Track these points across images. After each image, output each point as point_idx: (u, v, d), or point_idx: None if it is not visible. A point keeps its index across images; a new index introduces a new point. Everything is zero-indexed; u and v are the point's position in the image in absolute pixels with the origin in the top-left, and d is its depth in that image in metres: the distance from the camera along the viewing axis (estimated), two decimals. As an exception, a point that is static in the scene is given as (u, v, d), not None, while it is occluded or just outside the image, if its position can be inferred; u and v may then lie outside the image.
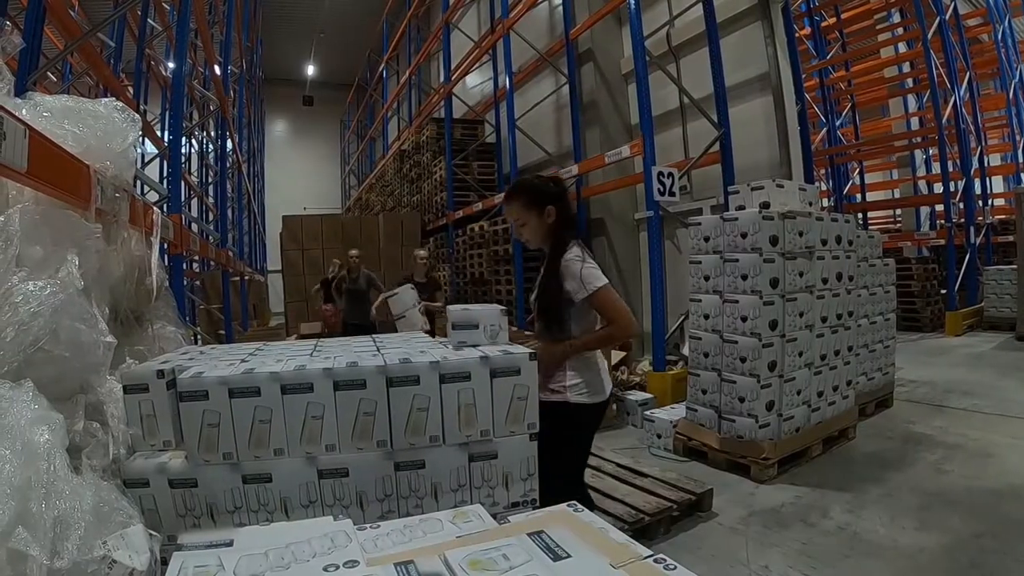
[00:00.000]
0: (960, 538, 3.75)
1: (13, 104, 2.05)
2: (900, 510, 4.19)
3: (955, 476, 4.73)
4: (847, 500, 4.42)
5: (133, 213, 2.91)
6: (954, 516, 4.04)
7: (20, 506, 1.33)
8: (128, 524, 1.59)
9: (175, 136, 6.39)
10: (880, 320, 6.76)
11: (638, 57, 7.41)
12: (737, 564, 3.62)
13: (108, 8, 12.33)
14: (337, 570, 1.33)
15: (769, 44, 8.18)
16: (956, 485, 4.56)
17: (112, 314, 2.50)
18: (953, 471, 4.83)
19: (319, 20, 24.96)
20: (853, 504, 4.34)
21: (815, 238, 5.24)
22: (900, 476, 4.82)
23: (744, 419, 5.03)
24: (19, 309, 1.73)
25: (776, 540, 3.88)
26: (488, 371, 2.10)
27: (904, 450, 5.38)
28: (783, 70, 8.13)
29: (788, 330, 5.02)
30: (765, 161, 8.20)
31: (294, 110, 33.02)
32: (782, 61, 8.13)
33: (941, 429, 5.85)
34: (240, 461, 1.96)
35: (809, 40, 14.28)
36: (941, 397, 7.01)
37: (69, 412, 1.82)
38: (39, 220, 1.96)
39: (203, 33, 9.57)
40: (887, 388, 6.86)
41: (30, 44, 4.79)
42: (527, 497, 2.17)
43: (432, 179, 15.00)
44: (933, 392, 7.28)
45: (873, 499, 4.41)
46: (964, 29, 14.00)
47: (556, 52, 11.81)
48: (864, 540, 3.82)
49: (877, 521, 4.05)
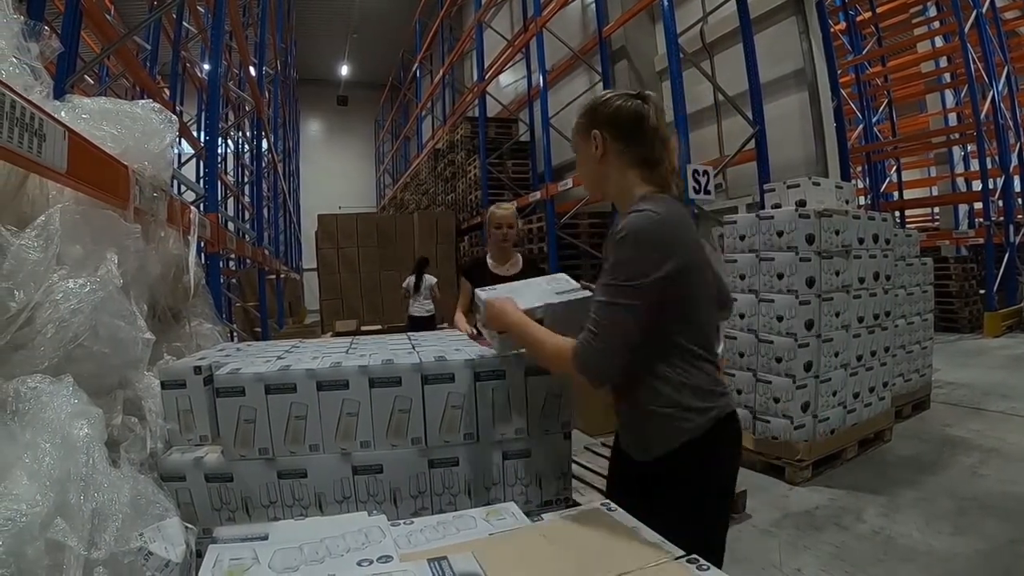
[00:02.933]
0: (996, 544, 3.69)
1: (52, 107, 2.08)
2: (935, 514, 4.13)
3: (991, 480, 4.65)
4: (882, 503, 4.36)
5: (171, 212, 2.94)
6: (990, 521, 3.97)
7: (59, 498, 1.35)
8: (164, 517, 1.60)
9: (211, 136, 6.48)
10: (917, 320, 6.65)
11: (672, 54, 7.36)
12: (770, 567, 3.60)
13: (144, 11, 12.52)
14: (371, 565, 1.33)
15: (804, 39, 8.09)
16: (992, 490, 4.48)
17: (150, 311, 2.53)
18: (990, 475, 4.75)
19: (352, 21, 25.12)
20: (888, 507, 4.29)
21: (852, 237, 5.17)
22: (936, 480, 4.74)
23: (779, 420, 4.97)
24: (59, 306, 1.75)
25: (809, 543, 3.84)
26: (523, 370, 2.09)
27: (940, 453, 5.30)
28: (818, 66, 8.04)
29: (824, 330, 4.96)
30: (801, 158, 8.12)
31: (329, 110, 33.31)
32: (817, 57, 8.04)
33: (978, 432, 5.74)
34: (275, 457, 1.98)
35: (844, 35, 14.09)
36: (979, 400, 6.89)
37: (108, 407, 1.84)
38: (79, 219, 1.98)
39: (238, 35, 9.70)
40: (924, 390, 6.75)
41: (68, 48, 4.87)
42: (560, 496, 2.16)
43: (466, 178, 15.03)
44: (971, 394, 7.15)
45: (908, 503, 4.35)
46: (1002, 22, 13.67)
47: (589, 50, 11.80)
48: (898, 544, 3.77)
49: (912, 525, 3.99)
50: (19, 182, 1.94)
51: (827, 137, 7.99)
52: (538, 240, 11.39)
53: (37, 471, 1.37)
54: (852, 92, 14.26)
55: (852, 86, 14.22)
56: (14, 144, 1.55)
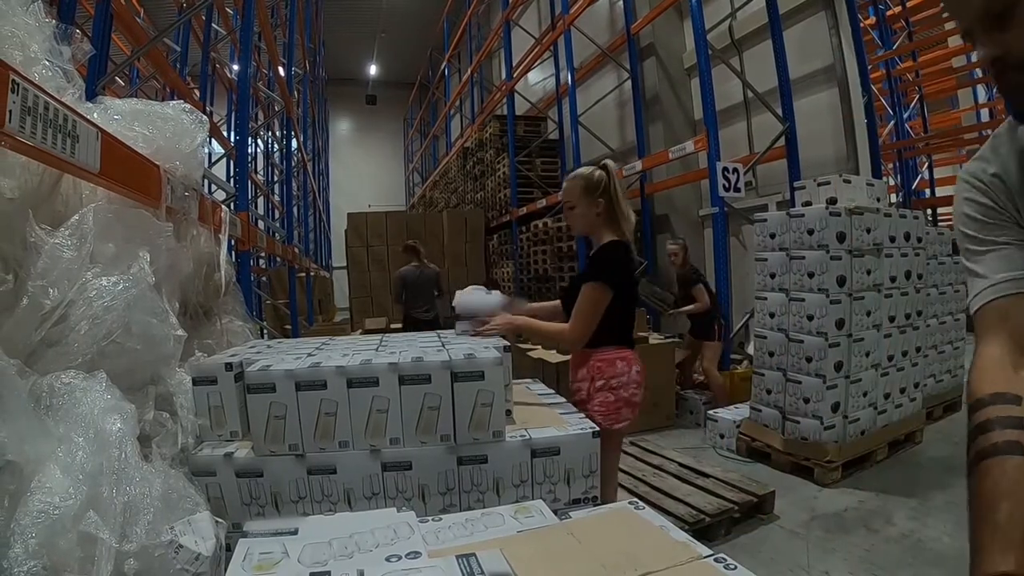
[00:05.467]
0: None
1: (85, 108, 2.11)
2: (965, 518, 4.05)
3: (1022, 485, 4.55)
4: (911, 506, 4.29)
5: (202, 211, 2.98)
6: (1020, 527, 3.89)
7: (92, 491, 1.37)
8: (195, 511, 1.62)
9: (241, 136, 6.53)
10: (949, 320, 6.55)
11: (700, 51, 7.31)
12: (797, 569, 3.55)
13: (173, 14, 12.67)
14: (399, 560, 1.34)
15: (833, 34, 7.99)
16: (1022, 494, 4.38)
17: (182, 309, 2.56)
18: (1021, 479, 4.65)
19: (380, 20, 25.23)
20: (917, 511, 4.21)
21: (883, 235, 5.10)
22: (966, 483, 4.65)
23: (809, 420, 4.92)
24: (93, 304, 1.78)
25: (838, 545, 3.79)
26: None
27: (971, 456, 5.20)
28: (848, 61, 7.93)
29: (855, 329, 4.90)
30: (831, 155, 8.03)
31: (357, 109, 33.41)
32: (847, 52, 7.93)
33: (1010, 435, 5.62)
34: (305, 453, 1.99)
35: (874, 29, 13.85)
36: (1011, 401, 6.74)
37: (140, 402, 1.87)
38: (112, 218, 2.01)
39: (266, 36, 9.77)
40: (955, 391, 6.63)
41: (99, 51, 4.93)
42: (588, 494, 2.16)
43: (495, 176, 15.00)
44: (1003, 396, 7.00)
45: (938, 506, 4.27)
46: (1035, 14, 13.38)
47: (618, 47, 11.75)
48: (928, 548, 3.71)
49: (941, 529, 3.92)
50: (53, 182, 1.97)
51: (858, 134, 7.89)
52: (567, 239, 11.36)
53: (70, 465, 1.39)
54: (883, 88, 14.01)
55: (883, 82, 13.97)
56: (48, 145, 1.57)
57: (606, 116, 12.56)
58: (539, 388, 2.90)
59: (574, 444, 2.13)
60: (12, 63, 1.47)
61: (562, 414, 2.39)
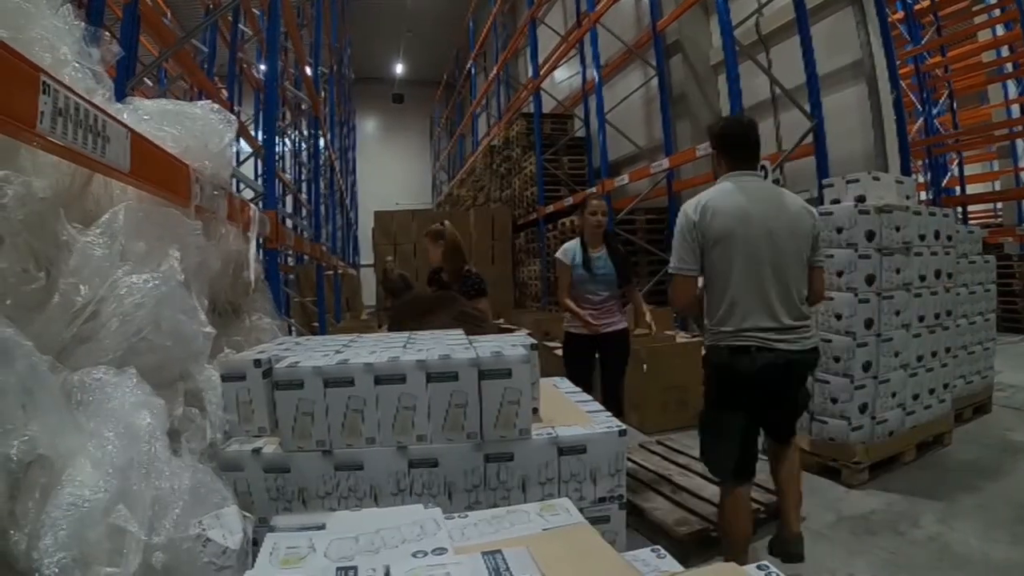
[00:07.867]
0: (1056, 555, 3.56)
1: (115, 109, 2.13)
2: (994, 522, 3.99)
3: (1053, 489, 4.49)
4: (939, 509, 4.23)
5: (231, 210, 3.00)
6: (1050, 532, 3.83)
7: (121, 484, 1.39)
8: (223, 505, 1.64)
9: (269, 135, 6.55)
10: (979, 320, 6.45)
11: (727, 47, 7.24)
12: (823, 571, 3.53)
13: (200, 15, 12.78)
14: (425, 556, 1.34)
15: (861, 30, 7.91)
16: (1053, 498, 4.32)
17: (211, 306, 2.59)
18: (1051, 483, 4.58)
19: (406, 19, 25.31)
20: (945, 514, 4.16)
21: (913, 233, 5.04)
22: (995, 486, 4.59)
23: (836, 421, 4.87)
24: (124, 301, 1.80)
25: (864, 548, 3.76)
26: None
27: (1001, 459, 5.13)
28: (877, 57, 7.84)
29: (884, 329, 4.85)
30: (860, 153, 7.94)
31: (384, 108, 33.48)
32: (875, 47, 7.84)
33: (1041, 438, 5.54)
34: (333, 449, 2.01)
35: (902, 24, 13.65)
36: (1042, 404, 6.64)
37: (170, 398, 1.89)
38: (142, 217, 2.03)
39: (293, 36, 9.82)
40: (985, 393, 6.53)
41: (127, 52, 4.98)
42: (614, 493, 2.15)
43: (522, 174, 14.99)
44: (1034, 399, 6.89)
45: (966, 509, 4.21)
46: (1066, 8, 13.16)
47: (644, 44, 11.70)
48: (954, 552, 3.66)
49: (969, 533, 3.87)
50: (84, 182, 1.99)
51: (887, 130, 7.79)
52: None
53: (100, 459, 1.41)
54: (911, 83, 13.80)
55: (911, 77, 13.77)
56: (79, 145, 1.59)
57: (632, 113, 12.51)
58: (566, 386, 2.90)
59: (600, 442, 2.12)
60: (42, 65, 1.49)
61: (589, 412, 2.38)
